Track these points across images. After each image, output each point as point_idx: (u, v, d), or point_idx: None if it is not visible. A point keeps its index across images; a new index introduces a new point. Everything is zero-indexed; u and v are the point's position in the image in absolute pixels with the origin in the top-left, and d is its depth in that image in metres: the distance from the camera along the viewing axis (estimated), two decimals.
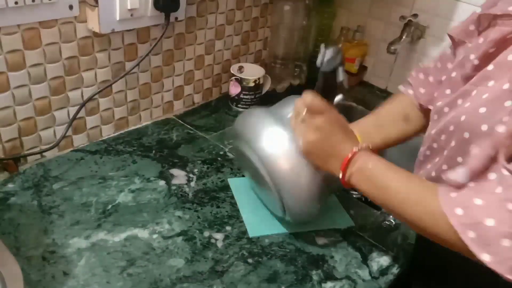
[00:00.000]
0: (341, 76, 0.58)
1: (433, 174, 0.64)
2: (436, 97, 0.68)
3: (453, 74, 0.62)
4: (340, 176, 0.62)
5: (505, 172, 0.49)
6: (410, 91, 0.78)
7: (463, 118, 0.56)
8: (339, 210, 0.82)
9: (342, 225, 0.79)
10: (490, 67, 0.55)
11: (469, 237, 0.49)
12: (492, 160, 0.52)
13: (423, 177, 0.66)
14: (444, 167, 0.61)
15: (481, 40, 0.57)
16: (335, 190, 0.75)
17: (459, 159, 0.57)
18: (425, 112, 0.76)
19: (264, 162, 0.66)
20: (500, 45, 0.54)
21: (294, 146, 0.64)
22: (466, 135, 0.56)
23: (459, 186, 0.55)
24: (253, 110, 0.72)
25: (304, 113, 0.63)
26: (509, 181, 0.48)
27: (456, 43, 0.68)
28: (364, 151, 0.61)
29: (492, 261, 0.47)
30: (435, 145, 0.64)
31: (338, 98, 0.62)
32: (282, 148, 0.65)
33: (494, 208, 0.48)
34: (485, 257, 0.48)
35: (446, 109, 0.62)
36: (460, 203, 0.51)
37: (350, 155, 0.61)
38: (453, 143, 0.59)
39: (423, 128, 0.76)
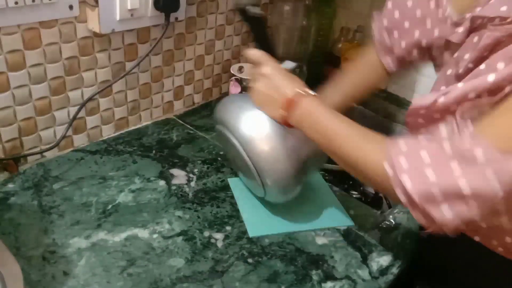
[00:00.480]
0: (253, 8, 0.62)
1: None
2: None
3: (448, 72, 0.62)
4: (282, 114, 0.64)
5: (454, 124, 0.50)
6: (388, 62, 0.78)
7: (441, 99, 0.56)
8: (339, 210, 0.82)
9: (341, 224, 0.79)
10: (482, 66, 0.55)
11: (399, 162, 0.50)
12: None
13: None
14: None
15: (475, 39, 0.57)
16: (314, 169, 0.78)
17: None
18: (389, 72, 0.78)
19: (242, 142, 0.69)
20: (494, 49, 0.55)
21: (270, 127, 0.67)
22: (437, 115, 0.56)
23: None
24: (230, 97, 0.77)
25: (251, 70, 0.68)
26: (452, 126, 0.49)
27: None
28: (310, 96, 0.63)
29: (412, 188, 0.48)
30: (420, 120, 0.64)
31: (289, 64, 0.67)
32: (259, 129, 0.68)
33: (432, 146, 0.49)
34: (407, 182, 0.49)
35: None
36: (406, 153, 0.51)
37: (292, 96, 0.63)
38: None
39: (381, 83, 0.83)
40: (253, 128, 0.68)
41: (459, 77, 0.60)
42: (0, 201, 0.73)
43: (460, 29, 0.60)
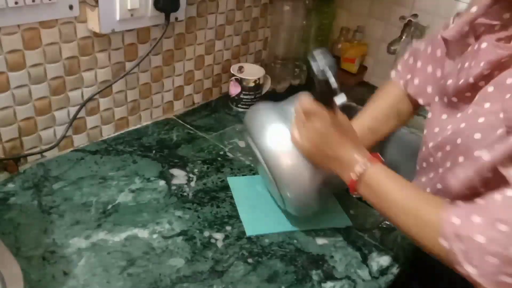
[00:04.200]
0: (334, 83, 0.59)
1: (428, 190, 0.65)
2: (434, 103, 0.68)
3: (449, 82, 0.62)
4: (349, 185, 0.63)
5: (509, 194, 0.49)
6: (401, 82, 0.78)
7: (459, 141, 0.56)
8: (338, 210, 0.82)
9: (340, 224, 0.79)
10: (490, 88, 0.54)
11: (459, 248, 0.50)
12: (472, 184, 0.53)
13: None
14: (439, 186, 0.62)
15: (476, 47, 0.57)
16: (336, 189, 0.76)
17: (452, 181, 0.57)
18: (414, 102, 0.77)
19: (265, 157, 0.68)
20: (495, 67, 0.54)
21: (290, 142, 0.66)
22: (461, 159, 0.56)
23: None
24: (260, 105, 0.74)
25: (302, 116, 0.64)
26: (509, 203, 0.48)
27: (449, 46, 0.67)
28: (374, 166, 0.61)
29: (476, 274, 0.49)
30: (431, 160, 0.64)
31: (341, 100, 0.61)
32: (284, 144, 0.66)
33: (486, 226, 0.49)
34: (470, 269, 0.49)
35: (448, 126, 0.62)
36: (460, 214, 0.52)
37: (360, 171, 0.61)
38: (448, 164, 0.59)
39: (411, 118, 0.80)
40: (277, 141, 0.67)
41: (457, 92, 0.59)
42: (0, 201, 0.73)
43: (453, 25, 0.60)
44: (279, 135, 0.67)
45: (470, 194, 0.54)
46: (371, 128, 0.78)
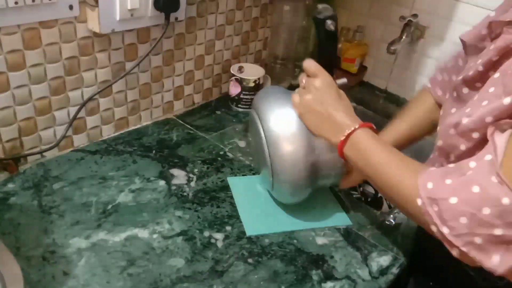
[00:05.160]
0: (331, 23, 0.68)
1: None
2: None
3: (459, 77, 0.62)
4: (337, 145, 0.66)
5: (486, 158, 0.49)
6: (438, 92, 0.79)
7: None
8: (338, 210, 0.82)
9: (340, 224, 0.79)
10: (496, 75, 0.54)
11: (433, 210, 0.51)
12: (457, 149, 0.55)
13: None
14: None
15: (492, 46, 0.57)
16: (327, 182, 0.76)
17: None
18: None
19: (267, 134, 0.70)
20: (504, 53, 0.54)
21: (298, 127, 0.69)
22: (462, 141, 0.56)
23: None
24: (272, 88, 0.80)
25: (303, 79, 0.69)
26: (482, 168, 0.49)
27: (467, 48, 0.67)
28: (363, 129, 0.64)
29: (451, 234, 0.50)
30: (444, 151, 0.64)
31: (342, 81, 0.72)
32: (287, 126, 0.69)
33: (460, 188, 0.49)
34: (445, 230, 0.50)
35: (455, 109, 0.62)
36: (433, 178, 0.53)
37: (349, 131, 0.64)
38: (463, 148, 0.59)
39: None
40: (282, 124, 0.69)
41: (465, 82, 0.60)
42: (0, 201, 0.73)
43: (471, 29, 0.60)
44: (286, 118, 0.70)
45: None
46: (409, 136, 0.81)
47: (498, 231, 0.46)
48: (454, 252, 0.51)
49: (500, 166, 0.46)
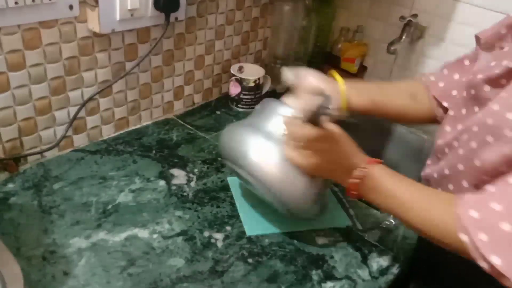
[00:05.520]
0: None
1: (447, 172, 0.64)
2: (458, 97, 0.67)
3: (479, 76, 0.61)
4: (349, 190, 0.63)
5: None
6: (428, 81, 0.77)
7: (490, 121, 0.55)
8: (338, 210, 0.82)
9: (340, 224, 0.79)
10: None
11: (480, 239, 0.48)
12: (508, 165, 0.51)
13: (434, 174, 0.66)
14: (460, 167, 0.61)
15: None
16: (332, 183, 0.75)
17: (477, 162, 0.56)
18: (434, 102, 0.76)
19: (257, 178, 0.66)
20: None
21: (281, 156, 0.64)
22: (489, 138, 0.55)
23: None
24: (233, 128, 0.72)
25: (300, 141, 0.63)
26: None
27: (482, 46, 0.67)
28: (373, 169, 0.61)
29: (503, 265, 0.47)
30: (455, 144, 0.63)
31: (319, 102, 0.61)
32: (271, 160, 0.65)
33: (510, 213, 0.47)
34: (495, 260, 0.47)
35: (476, 108, 0.61)
36: (476, 206, 0.50)
37: (357, 177, 0.61)
38: (473, 144, 0.58)
39: (426, 116, 0.77)
40: (263, 157, 0.65)
41: (490, 81, 0.58)
42: (0, 201, 0.73)
43: (489, 28, 0.59)
44: (263, 151, 0.65)
45: (495, 174, 0.53)
46: (379, 87, 0.77)
47: None
48: (508, 284, 0.48)
49: None
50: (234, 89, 1.08)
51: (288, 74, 0.70)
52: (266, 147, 0.65)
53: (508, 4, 0.98)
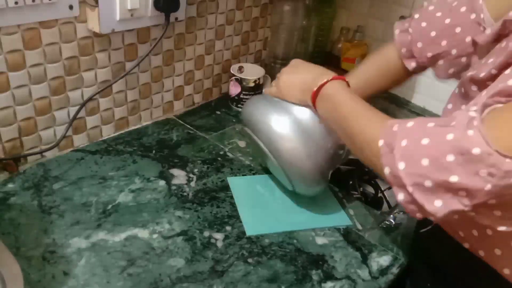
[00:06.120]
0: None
1: None
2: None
3: (469, 73, 0.60)
4: (311, 102, 0.68)
5: (470, 113, 0.48)
6: (407, 64, 0.76)
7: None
8: (338, 210, 0.82)
9: (340, 224, 0.79)
10: (508, 71, 0.52)
11: (400, 145, 0.50)
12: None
13: None
14: None
15: (504, 43, 0.56)
16: (335, 164, 0.78)
17: None
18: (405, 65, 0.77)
19: (267, 143, 0.73)
20: None
21: (292, 126, 0.71)
22: None
23: None
24: (254, 99, 0.80)
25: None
26: (467, 121, 0.47)
27: (478, 50, 0.65)
28: (337, 81, 0.66)
29: (405, 170, 0.49)
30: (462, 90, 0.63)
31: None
32: (282, 129, 0.71)
33: (435, 132, 0.48)
34: (401, 165, 0.49)
35: (463, 107, 0.61)
36: (402, 123, 0.52)
37: (321, 83, 0.66)
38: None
39: (402, 77, 0.80)
40: (277, 128, 0.71)
41: (475, 81, 0.59)
42: (0, 201, 0.73)
43: (488, 31, 0.59)
44: (279, 123, 0.72)
45: None
46: (365, 79, 0.80)
47: (453, 178, 0.45)
48: (400, 196, 0.50)
49: (482, 123, 0.45)
50: (234, 89, 1.08)
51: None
52: (286, 119, 0.72)
53: None
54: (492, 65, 0.55)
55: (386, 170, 0.51)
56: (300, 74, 0.72)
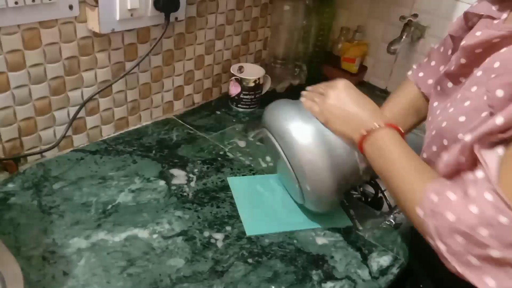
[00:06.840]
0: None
1: None
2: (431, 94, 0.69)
3: (441, 68, 0.63)
4: (358, 142, 0.65)
5: (480, 176, 0.49)
6: (415, 81, 0.78)
7: (444, 124, 0.56)
8: (338, 210, 0.82)
9: (340, 224, 0.79)
10: (479, 73, 0.54)
11: (432, 223, 0.51)
12: (460, 166, 0.53)
13: None
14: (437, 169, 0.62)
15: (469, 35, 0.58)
16: (354, 184, 0.77)
17: (440, 165, 0.57)
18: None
19: (288, 151, 0.70)
20: (487, 48, 0.54)
21: (315, 138, 0.68)
22: (445, 142, 0.56)
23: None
24: (280, 102, 0.76)
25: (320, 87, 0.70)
26: (482, 187, 0.48)
27: (456, 41, 0.68)
28: (390, 132, 0.63)
29: (445, 251, 0.50)
30: (433, 148, 0.64)
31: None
32: (304, 138, 0.68)
33: (459, 205, 0.49)
34: (440, 245, 0.50)
35: (437, 112, 0.62)
36: (440, 191, 0.52)
37: (372, 128, 0.63)
38: (434, 148, 0.59)
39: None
40: (299, 137, 0.68)
41: (448, 75, 0.60)
42: (0, 201, 0.73)
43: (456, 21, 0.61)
44: (302, 131, 0.69)
45: (456, 176, 0.55)
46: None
47: (494, 253, 0.46)
48: (452, 269, 0.51)
49: (496, 183, 0.46)
50: (234, 89, 1.08)
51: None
52: (306, 128, 0.69)
53: None
54: (460, 57, 0.56)
55: (431, 242, 0.52)
56: (350, 108, 0.66)
